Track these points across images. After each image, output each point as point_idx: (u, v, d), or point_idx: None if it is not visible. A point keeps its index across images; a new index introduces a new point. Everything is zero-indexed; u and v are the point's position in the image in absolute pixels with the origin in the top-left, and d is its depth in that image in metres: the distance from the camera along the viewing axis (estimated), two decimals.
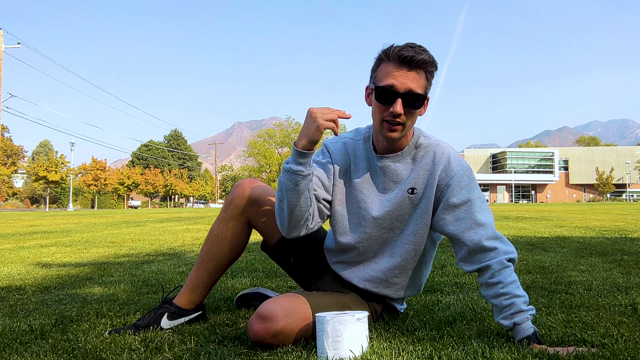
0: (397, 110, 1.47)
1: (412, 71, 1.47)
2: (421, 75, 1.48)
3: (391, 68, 1.48)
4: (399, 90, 1.46)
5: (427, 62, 1.47)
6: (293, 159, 1.50)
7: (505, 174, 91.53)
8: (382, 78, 1.49)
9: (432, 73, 1.51)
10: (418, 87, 1.47)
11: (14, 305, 2.28)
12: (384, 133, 1.53)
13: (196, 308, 1.82)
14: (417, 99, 1.48)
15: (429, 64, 1.48)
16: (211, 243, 1.78)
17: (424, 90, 1.50)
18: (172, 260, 4.02)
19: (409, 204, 1.62)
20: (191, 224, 10.40)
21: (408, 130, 1.55)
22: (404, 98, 1.47)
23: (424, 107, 1.55)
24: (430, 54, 1.48)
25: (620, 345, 1.43)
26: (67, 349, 1.51)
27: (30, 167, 52.34)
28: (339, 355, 1.34)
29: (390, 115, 1.49)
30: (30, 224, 11.81)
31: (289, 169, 1.51)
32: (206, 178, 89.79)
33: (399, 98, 1.47)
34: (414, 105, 1.48)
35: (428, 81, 1.51)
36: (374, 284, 1.70)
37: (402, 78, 1.46)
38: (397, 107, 1.47)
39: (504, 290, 1.49)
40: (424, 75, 1.49)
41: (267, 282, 2.82)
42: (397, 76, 1.47)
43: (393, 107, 1.47)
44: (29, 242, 6.17)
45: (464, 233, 1.56)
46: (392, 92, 1.47)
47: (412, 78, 1.47)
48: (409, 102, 1.48)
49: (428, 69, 1.49)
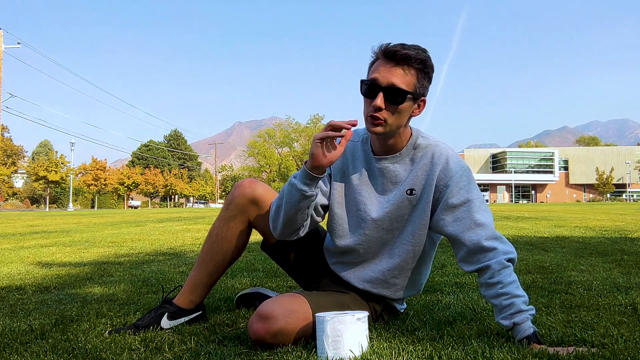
0: (377, 103, 1.46)
1: (397, 67, 1.46)
2: (408, 72, 1.47)
3: (379, 63, 1.49)
4: (380, 84, 1.46)
5: (411, 57, 1.45)
6: (300, 177, 1.51)
7: (505, 174, 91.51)
8: (369, 73, 1.51)
9: (423, 72, 1.49)
10: (402, 83, 1.46)
11: (14, 305, 2.28)
12: (368, 128, 1.53)
13: (196, 308, 1.82)
14: (399, 94, 1.47)
15: (414, 59, 1.46)
16: (211, 243, 1.78)
17: (412, 88, 1.48)
18: (172, 260, 4.02)
19: (407, 205, 1.61)
20: (191, 224, 10.40)
21: (394, 127, 1.52)
22: (385, 92, 1.46)
23: (418, 108, 1.54)
24: (419, 52, 1.47)
25: (620, 345, 1.43)
26: (67, 349, 1.51)
27: (30, 167, 52.33)
28: (339, 355, 1.34)
29: (372, 110, 1.48)
30: (30, 224, 11.81)
31: (294, 184, 1.51)
32: (206, 178, 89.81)
33: (380, 92, 1.47)
34: (395, 100, 1.47)
35: (418, 80, 1.49)
36: (374, 285, 1.70)
37: (386, 72, 1.47)
38: (378, 101, 1.46)
39: (503, 290, 1.49)
40: (414, 72, 1.48)
41: (267, 282, 2.82)
42: (381, 70, 1.47)
43: (374, 101, 1.47)
44: (29, 242, 6.17)
45: (463, 233, 1.56)
46: (374, 86, 1.47)
47: (397, 73, 1.46)
48: (390, 97, 1.47)
49: (415, 65, 1.47)
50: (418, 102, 1.54)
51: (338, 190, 1.69)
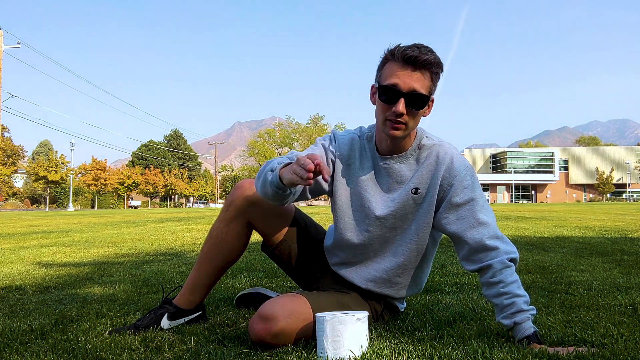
0: (399, 109, 1.47)
1: (416, 71, 1.46)
2: (426, 76, 1.48)
3: (396, 67, 1.48)
4: (402, 90, 1.46)
5: (431, 63, 1.47)
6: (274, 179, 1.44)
7: (505, 174, 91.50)
8: (386, 77, 1.49)
9: (437, 74, 1.51)
10: (422, 88, 1.47)
11: (14, 305, 2.28)
12: (387, 131, 1.53)
13: (196, 308, 1.82)
14: (420, 99, 1.48)
15: (433, 64, 1.47)
16: (211, 244, 1.78)
17: (428, 91, 1.49)
18: (172, 260, 4.02)
19: (412, 204, 1.62)
20: (191, 224, 10.40)
21: (411, 130, 1.54)
22: (407, 98, 1.47)
23: (428, 108, 1.55)
24: (436, 55, 1.48)
25: (620, 345, 1.43)
26: (67, 349, 1.51)
27: (30, 167, 52.32)
28: (339, 355, 1.34)
29: (392, 115, 1.48)
30: (30, 224, 11.81)
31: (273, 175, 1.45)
32: (206, 178, 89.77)
33: (402, 98, 1.47)
34: (417, 105, 1.48)
35: (433, 82, 1.51)
36: (377, 284, 1.70)
37: (406, 78, 1.46)
38: (400, 107, 1.47)
39: (505, 290, 1.49)
40: (429, 76, 1.49)
41: (267, 282, 2.82)
42: (401, 76, 1.46)
43: (396, 106, 1.47)
44: (29, 242, 6.17)
45: (466, 232, 1.56)
46: (395, 92, 1.47)
47: (416, 78, 1.46)
48: (412, 102, 1.47)
49: (433, 69, 1.48)
50: (429, 103, 1.55)
51: (343, 184, 1.69)
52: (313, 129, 60.01)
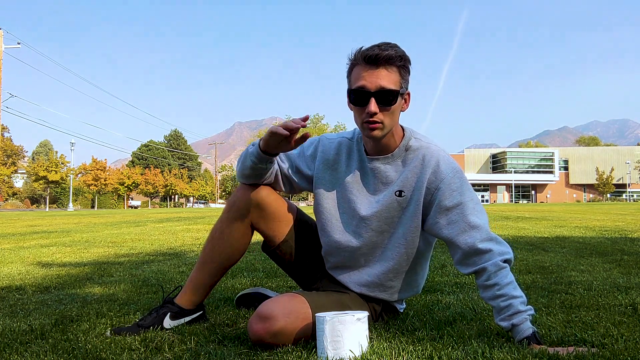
0: (371, 109, 1.48)
1: (380, 69, 1.47)
2: (391, 71, 1.49)
3: (360, 70, 1.49)
4: (370, 90, 1.47)
5: (393, 57, 1.47)
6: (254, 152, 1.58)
7: (505, 174, 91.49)
8: (354, 81, 1.51)
9: (404, 67, 1.51)
10: (389, 84, 1.48)
11: (14, 305, 2.28)
12: (367, 134, 1.55)
13: (197, 308, 1.82)
14: (389, 94, 1.48)
15: (396, 58, 1.48)
16: (213, 245, 1.78)
17: (398, 85, 1.50)
18: (172, 260, 4.02)
19: (397, 206, 1.62)
20: (191, 224, 10.40)
21: (390, 128, 1.54)
22: (377, 96, 1.48)
23: (405, 102, 1.57)
24: (398, 49, 1.49)
25: (620, 345, 1.43)
26: (67, 349, 1.51)
27: (30, 167, 52.34)
28: (338, 355, 1.34)
29: (367, 116, 1.50)
30: (30, 224, 11.81)
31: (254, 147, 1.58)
32: (206, 178, 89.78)
33: (372, 97, 1.48)
34: (388, 101, 1.49)
35: (401, 76, 1.51)
36: (370, 289, 1.70)
37: (372, 77, 1.47)
38: (372, 107, 1.48)
39: (501, 292, 1.49)
40: (396, 70, 1.49)
41: (267, 282, 2.82)
42: (366, 76, 1.48)
43: (368, 107, 1.48)
44: (29, 242, 6.17)
45: (458, 236, 1.56)
46: (364, 93, 1.48)
47: (382, 75, 1.47)
48: (382, 99, 1.48)
49: (397, 63, 1.49)
50: (404, 97, 1.56)
51: (329, 187, 1.71)
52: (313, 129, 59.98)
